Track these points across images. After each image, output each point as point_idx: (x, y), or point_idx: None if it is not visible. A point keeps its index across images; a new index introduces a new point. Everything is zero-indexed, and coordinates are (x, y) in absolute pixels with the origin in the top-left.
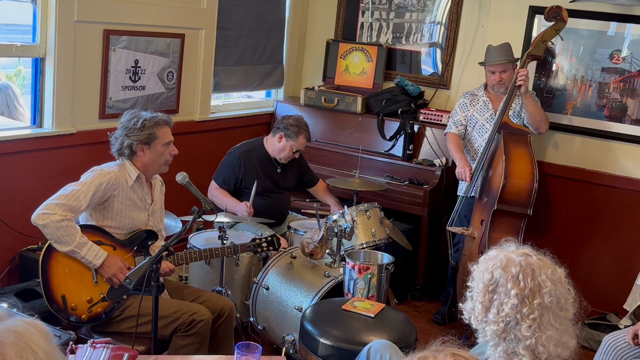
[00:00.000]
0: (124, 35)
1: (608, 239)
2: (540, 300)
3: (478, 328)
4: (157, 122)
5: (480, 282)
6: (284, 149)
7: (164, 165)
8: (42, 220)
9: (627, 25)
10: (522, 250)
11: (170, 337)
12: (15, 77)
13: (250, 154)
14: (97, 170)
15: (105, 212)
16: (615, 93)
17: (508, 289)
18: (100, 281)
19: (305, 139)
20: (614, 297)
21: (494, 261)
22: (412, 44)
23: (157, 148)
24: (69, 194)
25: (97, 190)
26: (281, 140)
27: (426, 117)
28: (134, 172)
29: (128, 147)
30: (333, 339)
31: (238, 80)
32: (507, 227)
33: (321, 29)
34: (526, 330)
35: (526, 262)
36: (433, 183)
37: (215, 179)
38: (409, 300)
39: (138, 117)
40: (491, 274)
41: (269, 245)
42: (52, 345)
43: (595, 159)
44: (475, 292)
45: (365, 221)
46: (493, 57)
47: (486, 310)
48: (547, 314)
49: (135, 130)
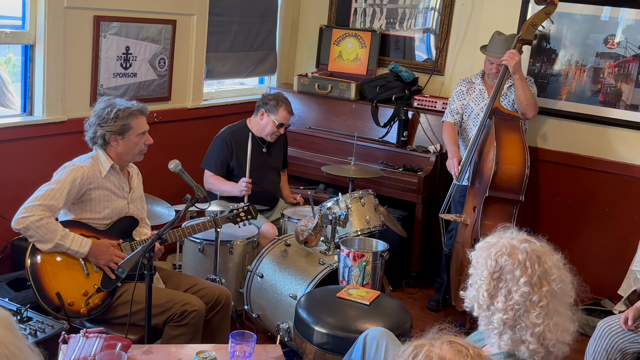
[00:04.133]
0: (114, 22)
1: (602, 225)
2: (548, 287)
3: (481, 316)
4: (131, 112)
5: (485, 269)
6: (267, 124)
7: (138, 155)
8: (22, 224)
9: (621, 9)
10: (522, 236)
11: (164, 327)
12: (5, 64)
13: (236, 134)
14: (70, 166)
15: (83, 205)
16: (609, 78)
17: (516, 276)
18: (92, 272)
19: (285, 111)
20: (609, 282)
21: (496, 248)
22: (406, 29)
23: (131, 138)
24: (44, 194)
25: (72, 186)
26: (263, 117)
27: (420, 103)
28: (108, 162)
29: (101, 137)
30: (328, 326)
31: (231, 67)
32: (499, 214)
33: (314, 15)
34: (536, 317)
35: (531, 248)
36: (427, 170)
37: (207, 167)
38: (404, 287)
39: (112, 107)
40: (495, 261)
41: (247, 214)
42: (12, 333)
43: (589, 144)
44: (480, 280)
45: (359, 208)
46: (494, 48)
47: (491, 298)
48: (554, 300)
49: (109, 120)
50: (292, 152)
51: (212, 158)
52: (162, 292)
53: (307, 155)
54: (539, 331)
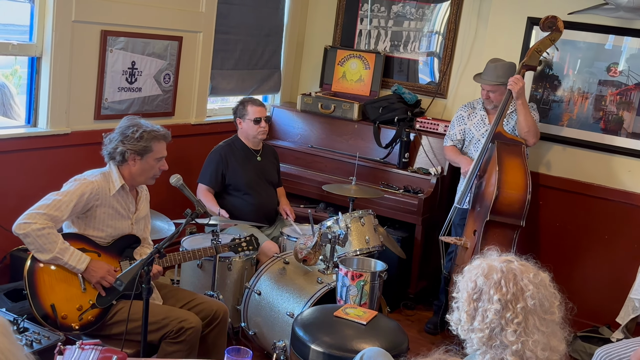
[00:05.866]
0: (121, 37)
1: (602, 252)
2: (523, 304)
3: (465, 338)
4: (155, 136)
5: (465, 292)
6: (248, 128)
7: (151, 179)
8: (23, 230)
9: (624, 38)
10: (504, 257)
11: (159, 343)
12: (12, 76)
13: (230, 148)
14: (80, 179)
15: (87, 220)
16: (611, 106)
17: (491, 295)
18: (89, 288)
19: (254, 105)
20: (607, 310)
21: (476, 270)
22: (410, 52)
23: (149, 161)
24: (50, 203)
25: (79, 200)
26: (241, 124)
27: (422, 125)
28: (119, 182)
29: (121, 153)
30: (324, 345)
31: (235, 84)
32: (499, 238)
33: (319, 35)
34: (511, 335)
35: (507, 267)
36: (428, 192)
37: (202, 181)
38: (402, 309)
39: (138, 127)
40: (474, 283)
41: (248, 245)
42: (9, 339)
43: (590, 171)
44: (460, 302)
45: (359, 228)
46: (485, 74)
47: (471, 319)
48: (532, 317)
49: (133, 139)
50: (294, 170)
51: (206, 172)
52: (159, 309)
53: (308, 173)
54: (517, 349)
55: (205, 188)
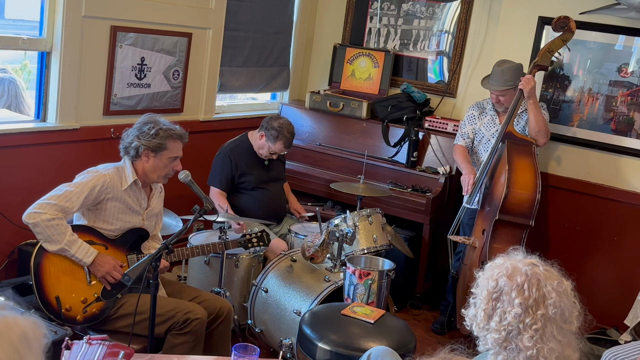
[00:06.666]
0: (131, 32)
1: (610, 253)
2: (544, 311)
3: (479, 335)
4: (171, 134)
5: (485, 289)
6: (262, 147)
7: (163, 178)
8: (33, 219)
9: (635, 38)
10: (529, 259)
11: (165, 336)
12: (21, 71)
13: (238, 149)
14: (93, 171)
15: (98, 213)
16: (622, 107)
17: (512, 298)
18: (95, 281)
19: (282, 145)
20: (615, 312)
21: (499, 269)
22: (420, 51)
23: (163, 159)
24: (62, 194)
25: (90, 192)
26: (262, 139)
27: (431, 124)
28: (132, 177)
29: (135, 148)
30: (331, 343)
31: (244, 81)
32: (508, 238)
33: (329, 33)
34: (528, 340)
35: (532, 271)
36: (436, 191)
37: (213, 183)
38: (408, 308)
39: (155, 124)
40: (496, 282)
41: (259, 241)
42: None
43: (600, 172)
44: (479, 299)
45: (367, 227)
46: (492, 80)
47: (488, 318)
48: (551, 325)
49: (148, 135)
50: (302, 168)
51: (216, 174)
52: (165, 301)
53: (316, 171)
54: (532, 354)
55: (218, 191)
